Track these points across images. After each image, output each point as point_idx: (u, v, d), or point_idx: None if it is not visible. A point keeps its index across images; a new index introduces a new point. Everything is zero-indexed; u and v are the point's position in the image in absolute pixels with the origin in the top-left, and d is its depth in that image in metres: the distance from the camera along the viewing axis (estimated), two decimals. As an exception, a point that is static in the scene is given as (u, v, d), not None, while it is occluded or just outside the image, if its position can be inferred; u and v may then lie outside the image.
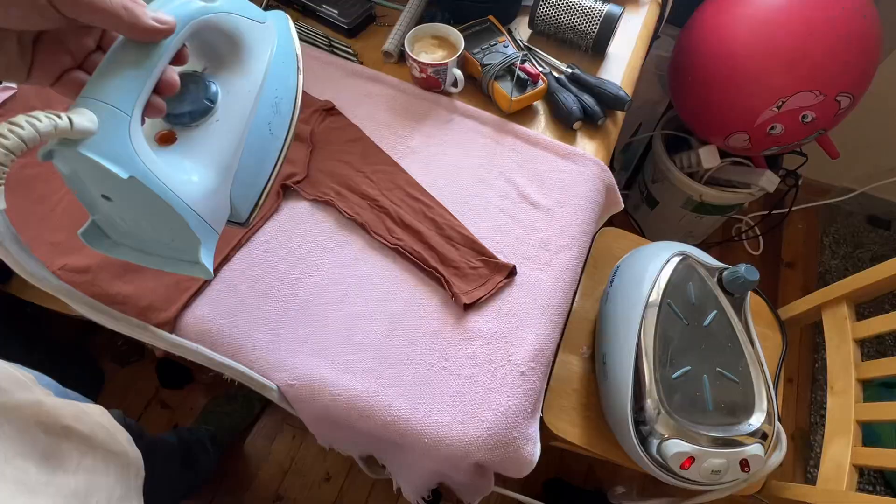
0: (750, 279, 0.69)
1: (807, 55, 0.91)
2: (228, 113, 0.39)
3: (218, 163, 0.38)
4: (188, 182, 0.36)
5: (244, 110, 0.40)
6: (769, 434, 0.65)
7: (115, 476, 0.38)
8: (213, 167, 0.38)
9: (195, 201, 0.36)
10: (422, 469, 0.65)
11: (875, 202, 1.59)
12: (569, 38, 0.82)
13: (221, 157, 0.39)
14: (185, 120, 0.38)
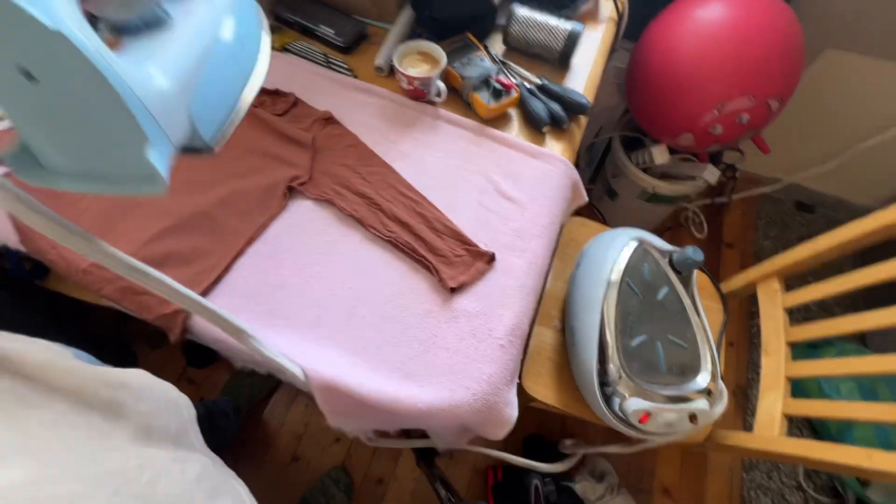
0: (696, 259, 0.70)
1: (742, 65, 0.91)
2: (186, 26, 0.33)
3: (171, 67, 0.31)
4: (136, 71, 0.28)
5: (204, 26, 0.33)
6: (713, 391, 0.66)
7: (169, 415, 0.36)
8: (165, 70, 0.30)
9: (142, 91, 0.28)
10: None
11: (801, 190, 1.61)
12: (538, 53, 0.81)
13: (175, 63, 0.31)
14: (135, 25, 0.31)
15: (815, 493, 1.19)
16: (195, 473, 0.34)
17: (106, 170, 0.31)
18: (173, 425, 0.36)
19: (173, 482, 0.31)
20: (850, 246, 0.69)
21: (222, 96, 0.36)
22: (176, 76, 0.31)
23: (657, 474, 1.19)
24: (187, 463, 0.34)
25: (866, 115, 1.28)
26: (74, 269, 0.57)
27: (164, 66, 0.30)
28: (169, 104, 0.30)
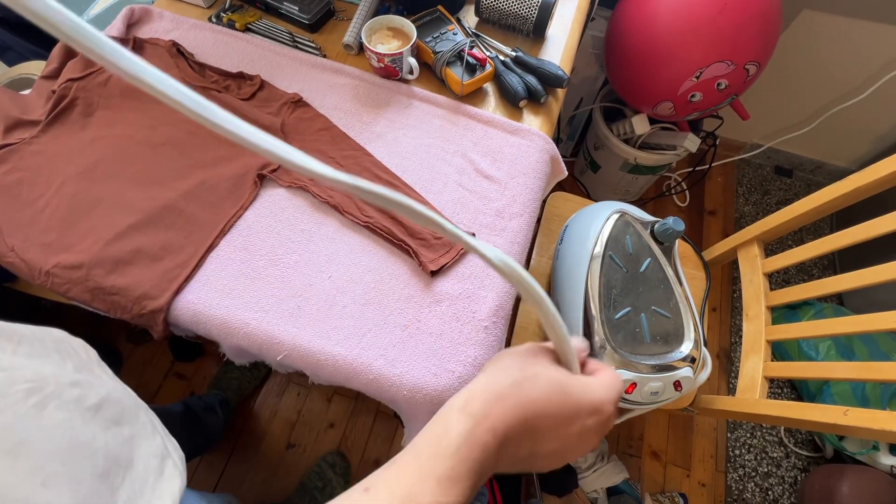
0: (677, 229, 0.69)
1: (719, 30, 0.89)
2: None
3: None
4: None
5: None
6: (697, 358, 0.67)
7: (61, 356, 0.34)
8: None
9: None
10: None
11: (779, 155, 1.62)
12: (511, 24, 0.78)
13: None
14: None
15: (796, 447, 1.23)
16: (94, 401, 0.32)
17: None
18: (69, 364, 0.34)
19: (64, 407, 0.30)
20: (826, 209, 0.69)
21: None
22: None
23: (645, 439, 1.23)
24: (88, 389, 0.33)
25: (842, 76, 1.27)
26: (38, 272, 0.54)
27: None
28: None
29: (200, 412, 0.99)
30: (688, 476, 1.19)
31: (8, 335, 0.31)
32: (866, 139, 1.43)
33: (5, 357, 0.29)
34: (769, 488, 1.19)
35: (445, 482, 0.23)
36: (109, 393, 0.35)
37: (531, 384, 0.27)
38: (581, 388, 0.28)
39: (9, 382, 0.27)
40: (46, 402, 0.29)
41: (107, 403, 0.34)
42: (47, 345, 0.34)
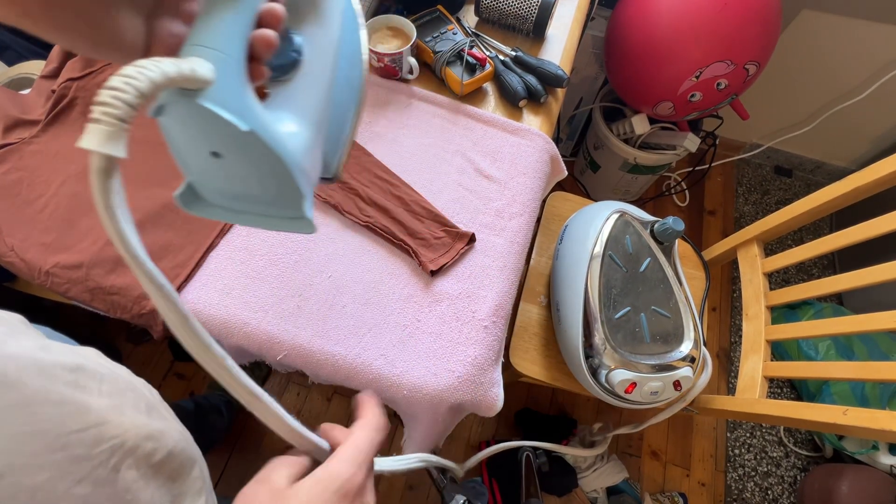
0: (677, 229, 0.69)
1: (718, 30, 0.89)
2: (315, 65, 0.33)
3: (311, 116, 0.32)
4: (291, 135, 0.30)
5: (329, 61, 0.34)
6: (696, 357, 0.67)
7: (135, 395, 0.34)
8: (307, 121, 0.32)
9: (299, 155, 0.30)
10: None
11: (779, 154, 1.62)
12: (511, 24, 0.78)
13: (314, 110, 0.32)
14: (276, 74, 0.32)
15: (796, 446, 1.24)
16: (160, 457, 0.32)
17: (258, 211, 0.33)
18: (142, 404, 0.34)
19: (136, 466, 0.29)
20: (826, 209, 0.69)
21: (341, 121, 0.36)
22: (314, 121, 0.32)
23: (645, 438, 1.23)
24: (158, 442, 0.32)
25: (842, 76, 1.28)
26: (37, 272, 0.54)
27: (305, 115, 0.32)
28: (313, 152, 0.32)
29: (210, 412, 0.99)
30: (687, 476, 1.20)
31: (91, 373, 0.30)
32: (866, 139, 1.44)
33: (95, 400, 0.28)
34: (769, 488, 1.19)
35: None
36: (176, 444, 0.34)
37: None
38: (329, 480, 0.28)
39: (96, 442, 0.26)
40: (122, 461, 0.27)
41: (170, 458, 0.32)
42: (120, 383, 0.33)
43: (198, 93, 0.23)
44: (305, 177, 0.31)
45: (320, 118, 0.33)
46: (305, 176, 0.31)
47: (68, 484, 0.24)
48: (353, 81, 0.37)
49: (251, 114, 0.26)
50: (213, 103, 0.24)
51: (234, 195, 0.32)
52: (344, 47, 0.35)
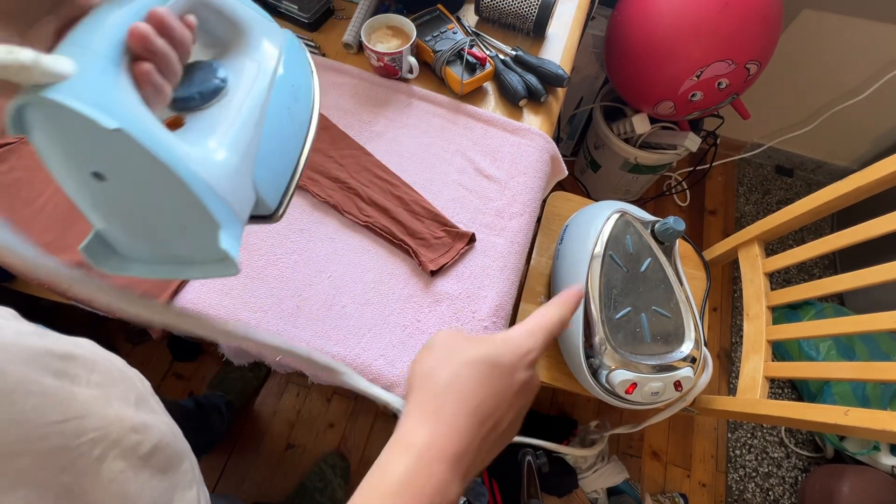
0: (677, 229, 0.69)
1: (719, 29, 0.89)
2: (241, 91, 0.32)
3: (235, 142, 0.30)
4: (202, 154, 0.28)
5: (259, 88, 0.32)
6: (697, 357, 0.67)
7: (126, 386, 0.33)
8: (229, 145, 0.30)
9: (210, 175, 0.27)
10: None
11: (780, 154, 1.62)
12: (511, 23, 0.78)
13: (238, 136, 0.30)
14: (195, 102, 0.30)
15: (797, 447, 1.23)
16: (147, 449, 0.31)
17: (179, 254, 0.31)
18: (132, 395, 0.34)
19: (122, 457, 0.29)
20: (827, 209, 0.69)
21: (282, 155, 0.35)
22: (238, 148, 0.30)
23: (646, 439, 1.23)
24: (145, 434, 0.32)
25: (843, 75, 1.27)
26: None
27: (227, 139, 0.30)
28: (235, 180, 0.30)
29: (210, 412, 0.99)
30: (688, 476, 1.20)
31: (83, 362, 0.30)
32: (867, 138, 1.43)
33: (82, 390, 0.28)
34: (770, 488, 1.19)
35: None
36: (163, 437, 0.34)
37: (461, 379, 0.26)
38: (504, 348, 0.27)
39: (78, 433, 0.26)
40: (108, 452, 0.28)
41: (158, 450, 0.33)
42: (113, 373, 0.33)
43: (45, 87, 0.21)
44: (220, 203, 0.28)
45: (247, 146, 0.31)
46: (222, 203, 0.28)
47: (51, 472, 0.24)
48: (298, 117, 0.36)
49: (122, 112, 0.23)
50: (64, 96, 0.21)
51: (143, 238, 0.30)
52: (284, 82, 0.34)
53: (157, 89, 0.26)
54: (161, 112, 0.29)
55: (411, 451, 0.23)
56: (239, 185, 0.30)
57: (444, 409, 0.25)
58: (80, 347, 0.32)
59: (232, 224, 0.29)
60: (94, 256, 0.30)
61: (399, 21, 0.72)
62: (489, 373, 0.26)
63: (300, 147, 0.36)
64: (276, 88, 0.33)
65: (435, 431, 0.24)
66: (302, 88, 0.36)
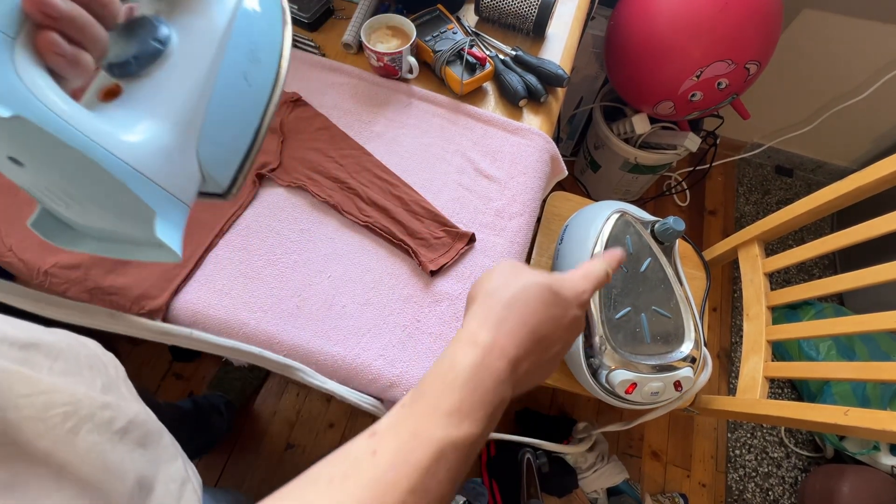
0: (677, 229, 0.69)
1: (719, 29, 0.89)
2: (186, 58, 0.28)
3: (173, 116, 0.27)
4: (127, 136, 0.25)
5: (206, 54, 0.28)
6: (697, 358, 0.67)
7: (93, 373, 0.33)
8: (167, 121, 0.27)
9: (139, 158, 0.25)
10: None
11: (780, 154, 1.62)
12: (511, 23, 0.78)
13: (178, 109, 0.27)
14: (132, 68, 0.27)
15: (797, 447, 1.24)
16: (122, 424, 0.32)
17: (124, 234, 0.28)
18: (98, 382, 0.33)
19: (96, 431, 0.30)
20: (827, 209, 0.69)
21: (235, 128, 0.31)
22: (178, 121, 0.27)
23: (646, 439, 1.23)
24: (117, 411, 0.32)
25: (843, 75, 1.28)
26: (36, 272, 0.54)
27: (163, 113, 0.27)
28: (173, 160, 0.27)
29: (209, 412, 0.99)
30: (688, 476, 1.20)
31: (46, 350, 0.30)
32: (867, 138, 1.44)
33: (44, 377, 0.28)
34: (770, 488, 1.19)
35: (455, 415, 0.23)
36: (136, 415, 0.34)
37: (524, 297, 0.27)
38: (564, 282, 0.30)
39: (47, 406, 0.27)
40: (80, 426, 0.28)
41: (133, 426, 0.33)
42: (80, 361, 0.33)
43: None
44: (154, 188, 0.26)
45: (189, 119, 0.28)
46: (154, 186, 0.26)
47: (29, 437, 0.25)
48: (257, 82, 0.31)
49: (20, 96, 0.21)
50: None
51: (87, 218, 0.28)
52: (240, 42, 0.30)
53: (70, 60, 0.22)
54: (96, 81, 0.27)
55: (476, 348, 0.25)
56: (178, 165, 0.28)
57: (508, 320, 0.26)
58: (49, 335, 0.32)
59: (170, 209, 0.27)
60: (44, 231, 0.28)
61: (399, 21, 0.72)
62: (550, 299, 0.28)
63: (258, 117, 0.31)
64: (230, 50, 0.29)
65: (498, 336, 0.26)
66: (264, 49, 0.31)
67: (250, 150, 0.32)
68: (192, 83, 0.28)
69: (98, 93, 0.27)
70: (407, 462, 0.21)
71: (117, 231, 0.29)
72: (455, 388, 0.23)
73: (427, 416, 0.23)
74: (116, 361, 0.38)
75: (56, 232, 0.28)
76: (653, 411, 0.76)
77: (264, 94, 0.31)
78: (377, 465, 0.21)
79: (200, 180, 0.30)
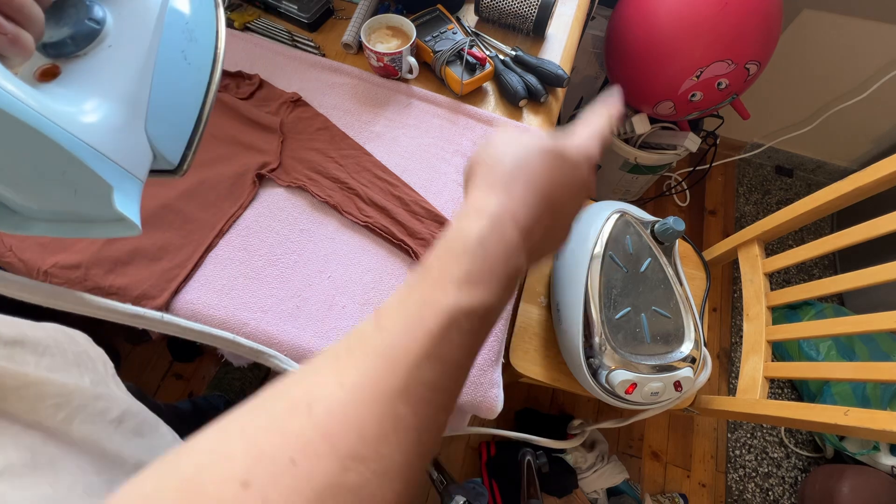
0: (677, 229, 0.69)
1: (719, 29, 0.89)
2: (123, 37, 0.28)
3: (119, 94, 0.28)
4: (78, 113, 0.26)
5: (143, 32, 0.29)
6: (697, 358, 0.67)
7: (80, 370, 0.33)
8: (112, 99, 0.27)
9: (91, 135, 0.26)
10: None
11: (780, 154, 1.62)
12: (511, 23, 0.78)
13: (122, 87, 0.28)
14: (68, 48, 0.27)
15: (796, 447, 1.24)
16: (116, 414, 0.32)
17: (78, 212, 0.29)
18: (87, 378, 0.33)
19: (89, 421, 0.30)
20: (827, 209, 0.69)
21: (180, 106, 0.32)
22: (124, 100, 0.28)
23: (646, 439, 1.23)
24: (110, 402, 0.32)
25: (843, 76, 1.28)
26: (36, 272, 0.54)
27: (110, 92, 0.27)
28: (123, 137, 0.27)
29: (208, 412, 0.99)
30: (688, 476, 1.20)
31: (33, 346, 0.30)
32: (867, 139, 1.44)
33: (31, 371, 0.28)
34: (769, 489, 1.19)
35: (466, 283, 0.21)
36: (129, 406, 0.34)
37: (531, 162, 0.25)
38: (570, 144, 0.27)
39: (38, 398, 0.27)
40: (73, 416, 0.28)
41: (127, 416, 0.33)
42: (68, 357, 0.33)
43: None
44: (108, 163, 0.27)
45: (134, 97, 0.28)
46: (108, 162, 0.27)
47: (18, 428, 0.25)
48: (196, 60, 0.32)
49: None
50: None
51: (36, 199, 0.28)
52: (176, 21, 0.31)
53: (12, 39, 0.23)
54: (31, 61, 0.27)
55: (483, 215, 0.23)
56: (129, 142, 0.28)
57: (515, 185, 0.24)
58: (36, 330, 0.31)
59: (126, 183, 0.28)
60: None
61: (399, 21, 0.72)
62: (558, 163, 0.26)
63: (201, 94, 0.32)
64: (166, 30, 0.30)
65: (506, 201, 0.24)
66: (200, 27, 0.33)
67: (196, 127, 0.32)
68: (134, 61, 0.28)
69: (34, 73, 0.27)
70: (418, 329, 0.19)
71: (70, 210, 0.29)
72: (465, 257, 0.21)
73: (435, 286, 0.21)
74: (105, 357, 0.38)
75: (3, 217, 0.28)
76: (650, 410, 0.76)
77: (205, 72, 0.32)
78: (385, 337, 0.20)
79: (151, 158, 0.30)
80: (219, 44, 0.33)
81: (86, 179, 0.26)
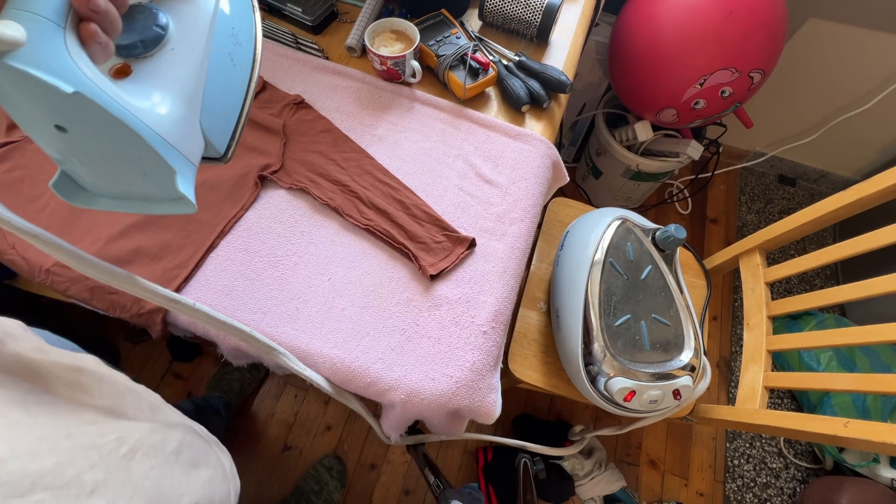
0: (678, 237, 0.69)
1: (723, 37, 0.89)
2: (183, 40, 0.33)
3: (180, 91, 0.32)
4: (151, 107, 0.30)
5: (199, 37, 0.33)
6: (696, 366, 0.67)
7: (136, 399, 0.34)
8: (175, 95, 0.31)
9: (161, 127, 0.30)
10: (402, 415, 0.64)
11: (783, 163, 1.62)
12: (515, 28, 0.78)
13: (183, 85, 0.32)
14: (138, 50, 0.31)
15: (795, 458, 1.23)
16: (174, 446, 0.32)
17: (140, 193, 0.33)
18: (145, 405, 0.34)
19: (151, 454, 0.30)
20: (829, 219, 0.69)
21: (227, 101, 0.36)
22: (185, 96, 0.32)
23: (643, 447, 1.22)
24: (167, 434, 0.32)
25: (848, 85, 1.27)
26: (38, 270, 0.54)
27: (173, 89, 0.31)
28: (184, 129, 0.32)
29: (209, 413, 0.99)
30: (686, 485, 1.19)
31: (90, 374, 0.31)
32: (871, 149, 1.43)
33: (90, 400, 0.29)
34: (768, 499, 1.19)
35: None
36: (184, 435, 0.34)
37: None
38: None
39: (99, 434, 0.27)
40: (135, 451, 0.28)
41: (184, 447, 0.33)
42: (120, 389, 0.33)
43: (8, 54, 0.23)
44: (173, 151, 0.31)
45: (192, 92, 0.32)
46: (173, 150, 0.31)
47: (78, 469, 0.25)
48: (240, 61, 0.37)
49: (77, 76, 0.25)
50: (27, 64, 0.24)
51: (108, 181, 0.33)
52: (224, 28, 0.35)
53: (103, 47, 0.27)
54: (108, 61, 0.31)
55: None
56: (188, 133, 0.32)
57: None
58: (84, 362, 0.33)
59: (186, 168, 0.32)
60: (63, 192, 0.32)
61: (402, 25, 0.72)
62: None
63: (244, 92, 0.37)
64: (216, 35, 0.34)
65: None
66: (242, 32, 0.37)
67: (238, 120, 0.37)
68: (192, 62, 0.33)
69: (109, 71, 0.31)
70: None
71: (135, 190, 0.33)
72: None
73: None
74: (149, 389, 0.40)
75: (73, 192, 0.33)
76: (648, 418, 0.76)
77: (247, 72, 0.37)
78: None
79: (203, 146, 0.35)
80: (257, 46, 0.38)
81: (155, 164, 0.30)
